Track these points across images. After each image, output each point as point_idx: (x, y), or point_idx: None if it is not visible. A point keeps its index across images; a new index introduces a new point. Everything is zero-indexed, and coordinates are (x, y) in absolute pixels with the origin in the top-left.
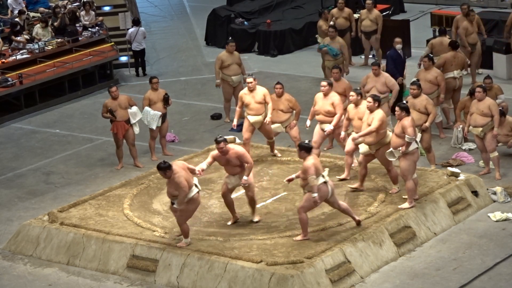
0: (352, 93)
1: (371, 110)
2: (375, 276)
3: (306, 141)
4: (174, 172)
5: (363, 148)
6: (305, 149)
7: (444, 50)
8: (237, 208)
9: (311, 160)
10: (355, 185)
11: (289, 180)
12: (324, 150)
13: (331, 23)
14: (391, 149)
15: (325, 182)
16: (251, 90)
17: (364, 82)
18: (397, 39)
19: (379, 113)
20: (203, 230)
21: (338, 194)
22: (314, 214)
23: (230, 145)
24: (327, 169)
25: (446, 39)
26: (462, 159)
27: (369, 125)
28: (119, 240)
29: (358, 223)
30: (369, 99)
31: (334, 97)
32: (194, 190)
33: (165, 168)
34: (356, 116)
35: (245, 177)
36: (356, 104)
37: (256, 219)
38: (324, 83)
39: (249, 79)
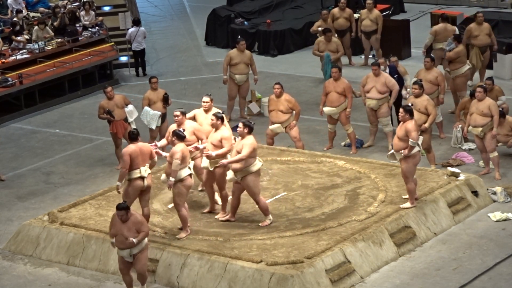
0: (212, 116)
1: (242, 136)
2: (375, 276)
3: (181, 129)
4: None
5: (229, 175)
6: (177, 136)
7: (448, 36)
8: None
9: (180, 147)
10: (226, 216)
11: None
12: (323, 150)
13: (319, 28)
14: (392, 151)
15: (190, 175)
16: (206, 110)
17: (364, 82)
18: (392, 58)
19: (249, 140)
20: (203, 230)
21: (338, 194)
22: (314, 214)
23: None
24: (193, 162)
25: (449, 26)
26: (462, 159)
27: (239, 152)
28: None
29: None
30: (240, 124)
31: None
32: (145, 241)
33: (126, 208)
34: (210, 140)
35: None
36: (216, 128)
37: None
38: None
39: (205, 98)
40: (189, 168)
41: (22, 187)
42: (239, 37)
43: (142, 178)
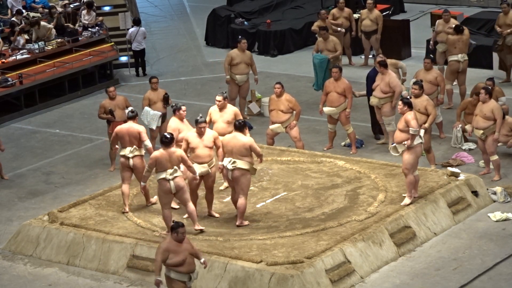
0: (202, 124)
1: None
2: (375, 276)
3: (166, 134)
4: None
5: None
6: (161, 141)
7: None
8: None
9: (156, 153)
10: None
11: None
12: (323, 150)
13: (315, 28)
14: (394, 144)
15: (167, 180)
16: (221, 108)
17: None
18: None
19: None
20: (203, 230)
21: (338, 194)
22: (314, 214)
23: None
24: (175, 168)
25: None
26: (462, 159)
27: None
28: (119, 240)
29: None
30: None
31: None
32: None
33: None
34: (204, 144)
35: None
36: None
37: None
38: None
39: (218, 97)
40: (165, 172)
41: (22, 187)
42: (240, 36)
43: (127, 157)
